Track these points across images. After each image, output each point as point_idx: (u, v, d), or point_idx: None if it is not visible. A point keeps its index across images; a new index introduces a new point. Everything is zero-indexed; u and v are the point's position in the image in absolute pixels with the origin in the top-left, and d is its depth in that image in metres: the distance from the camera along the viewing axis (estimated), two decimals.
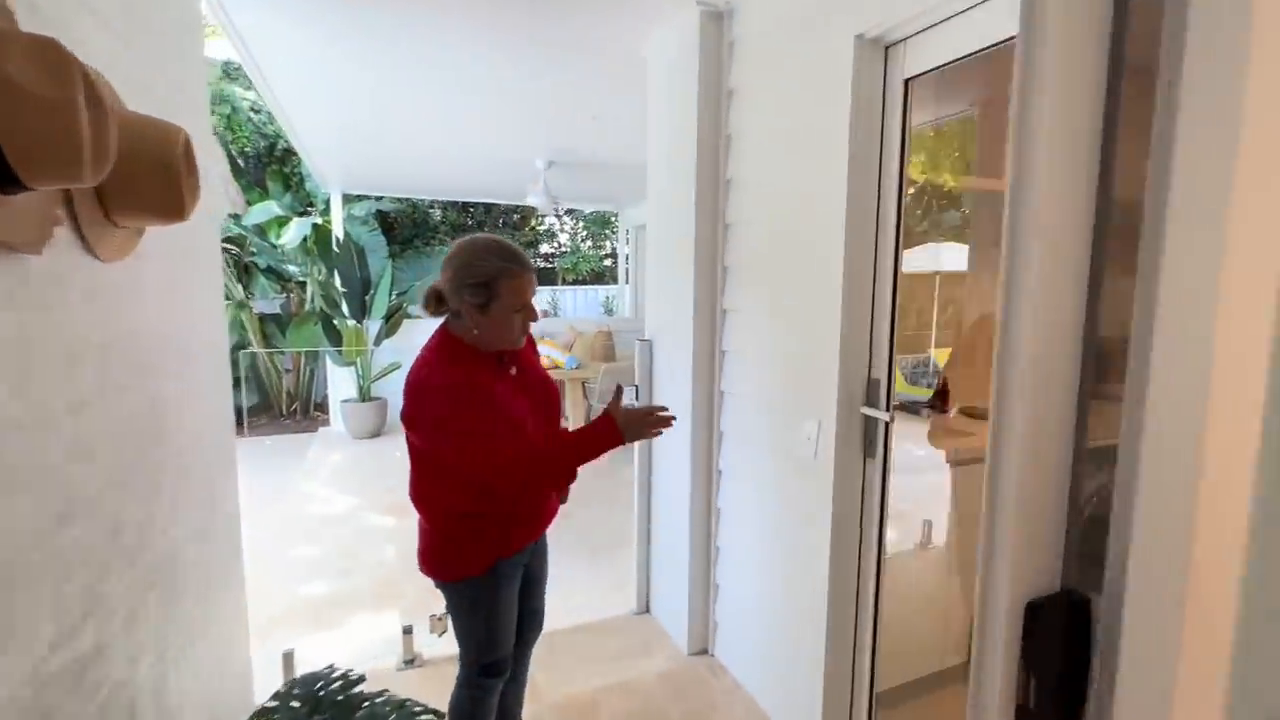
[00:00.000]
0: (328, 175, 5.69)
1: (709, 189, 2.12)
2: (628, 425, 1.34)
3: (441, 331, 1.39)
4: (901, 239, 1.53)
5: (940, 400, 2.50)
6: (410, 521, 1.55)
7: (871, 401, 1.60)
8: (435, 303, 1.38)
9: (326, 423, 6.34)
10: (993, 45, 1.28)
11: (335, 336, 5.74)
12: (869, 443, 1.62)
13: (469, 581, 1.42)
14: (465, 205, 9.92)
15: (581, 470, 1.36)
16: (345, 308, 5.82)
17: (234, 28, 2.37)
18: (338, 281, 5.82)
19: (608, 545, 3.35)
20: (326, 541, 3.51)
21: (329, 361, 6.02)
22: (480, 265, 1.31)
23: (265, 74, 2.95)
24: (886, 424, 1.58)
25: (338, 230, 6.06)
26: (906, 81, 1.48)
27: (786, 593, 1.86)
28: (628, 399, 2.55)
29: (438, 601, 1.58)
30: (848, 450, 1.62)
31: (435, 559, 1.44)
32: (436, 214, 9.75)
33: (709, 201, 2.13)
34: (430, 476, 1.40)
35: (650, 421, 1.36)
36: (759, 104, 1.91)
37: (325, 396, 6.46)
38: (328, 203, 6.47)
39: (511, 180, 5.35)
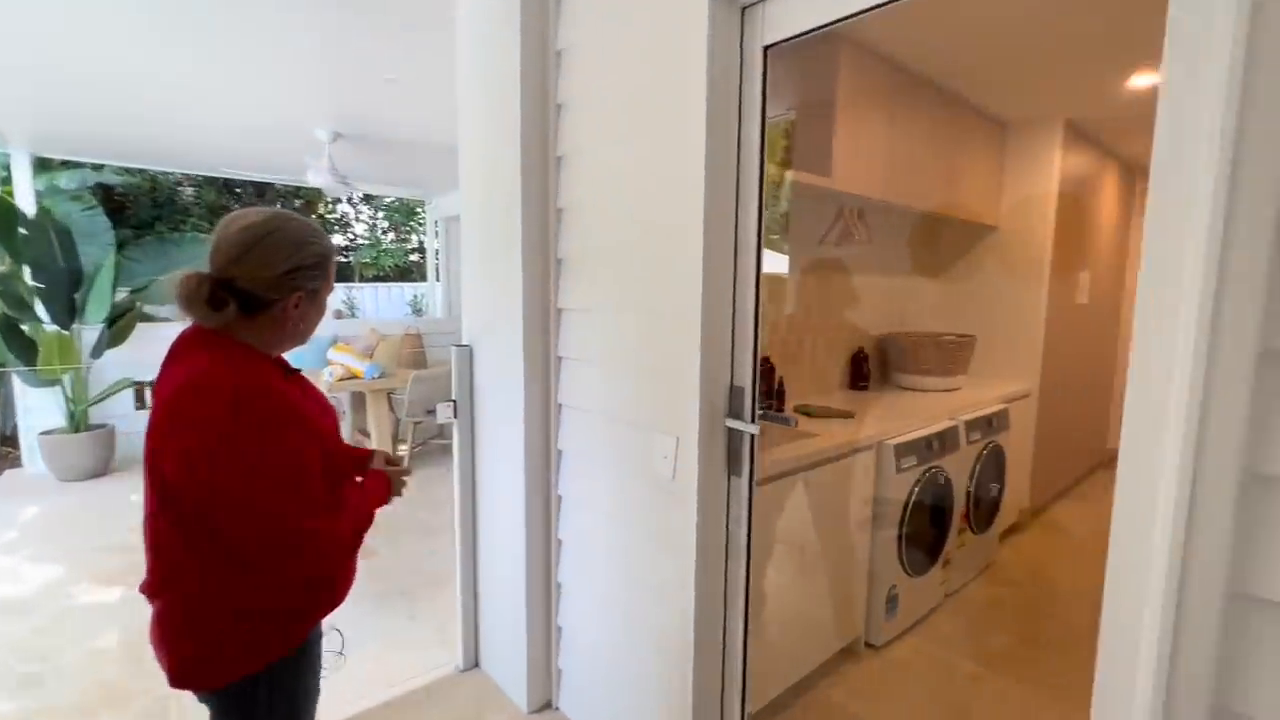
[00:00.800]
0: (4, 129, 4.22)
1: (536, 168, 1.80)
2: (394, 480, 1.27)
3: (218, 336, 1.01)
4: (763, 229, 1.36)
5: (777, 400, 2.47)
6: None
7: (735, 413, 1.42)
8: (224, 301, 0.99)
9: (17, 462, 4.75)
10: (861, 12, 1.15)
11: (26, 347, 4.29)
12: (734, 458, 1.44)
13: (255, 679, 1.03)
14: (229, 184, 8.27)
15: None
16: (42, 309, 4.38)
17: None
18: (28, 275, 4.35)
19: (424, 588, 2.85)
20: (2, 638, 2.50)
21: (17, 380, 4.50)
22: (312, 243, 1.07)
23: None
24: (753, 437, 1.41)
25: (24, 205, 4.54)
26: (766, 49, 1.31)
27: (645, 630, 1.62)
28: (444, 416, 2.12)
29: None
30: (711, 468, 1.43)
31: (196, 657, 1.01)
32: (188, 192, 7.97)
33: (537, 183, 1.80)
34: (199, 535, 0.97)
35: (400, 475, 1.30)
36: (594, 68, 1.64)
37: (15, 426, 4.84)
38: (9, 169, 4.84)
39: (286, 153, 4.45)
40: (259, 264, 1.01)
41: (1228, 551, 0.75)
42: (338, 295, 8.73)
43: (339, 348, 4.86)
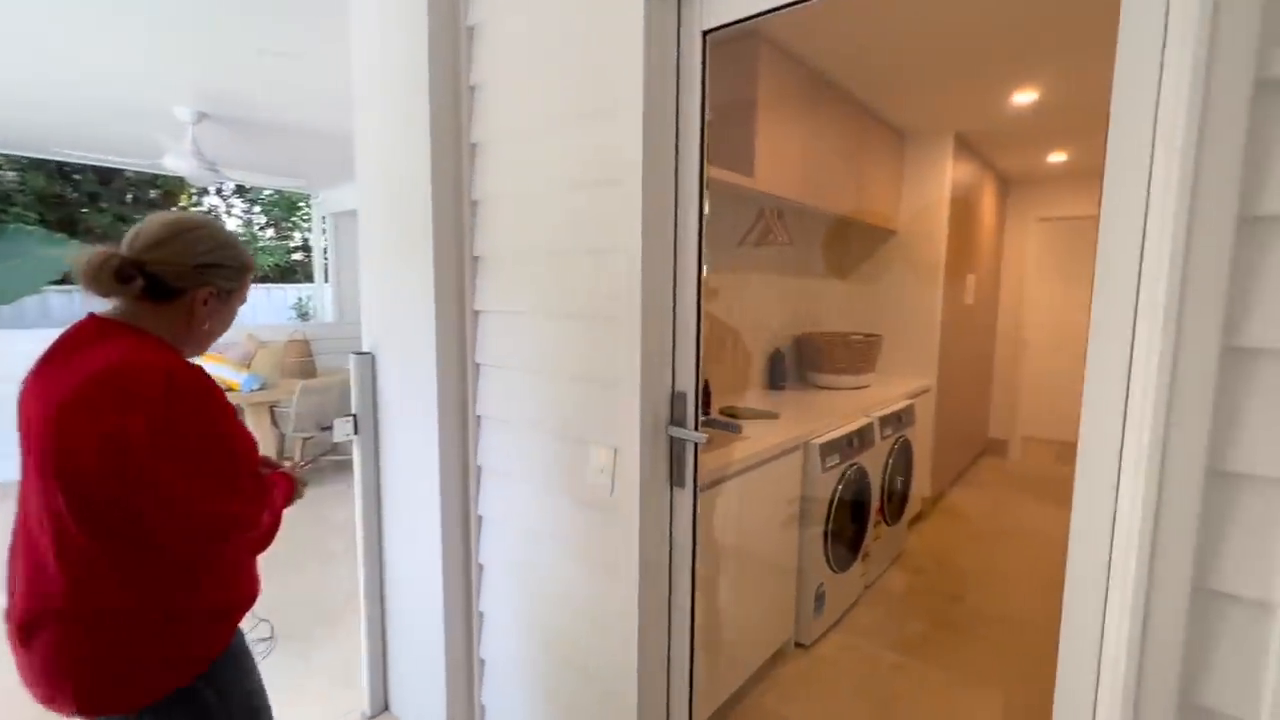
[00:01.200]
0: None
1: (448, 156, 1.62)
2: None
3: (129, 326, 0.98)
4: (705, 225, 1.29)
5: (703, 403, 2.42)
6: None
7: (678, 420, 1.34)
8: (131, 278, 0.97)
9: None
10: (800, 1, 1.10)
11: None
12: (677, 469, 1.35)
13: (194, 689, 0.99)
14: (64, 169, 7.15)
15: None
16: None
17: None
18: None
19: (320, 625, 2.55)
20: None
21: None
22: (237, 248, 1.09)
23: None
24: (697, 445, 1.33)
25: None
26: (705, 34, 1.23)
27: (581, 658, 1.50)
28: (343, 433, 1.89)
29: None
30: (654, 480, 1.33)
31: (116, 677, 0.94)
32: (9, 176, 6.80)
33: (449, 173, 1.63)
34: (113, 536, 0.91)
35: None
36: (513, 48, 1.50)
37: None
38: None
39: (140, 135, 3.88)
40: (178, 252, 1.01)
41: (1191, 549, 0.75)
42: None
43: (211, 357, 4.31)
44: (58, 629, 0.92)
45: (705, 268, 1.30)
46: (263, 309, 8.48)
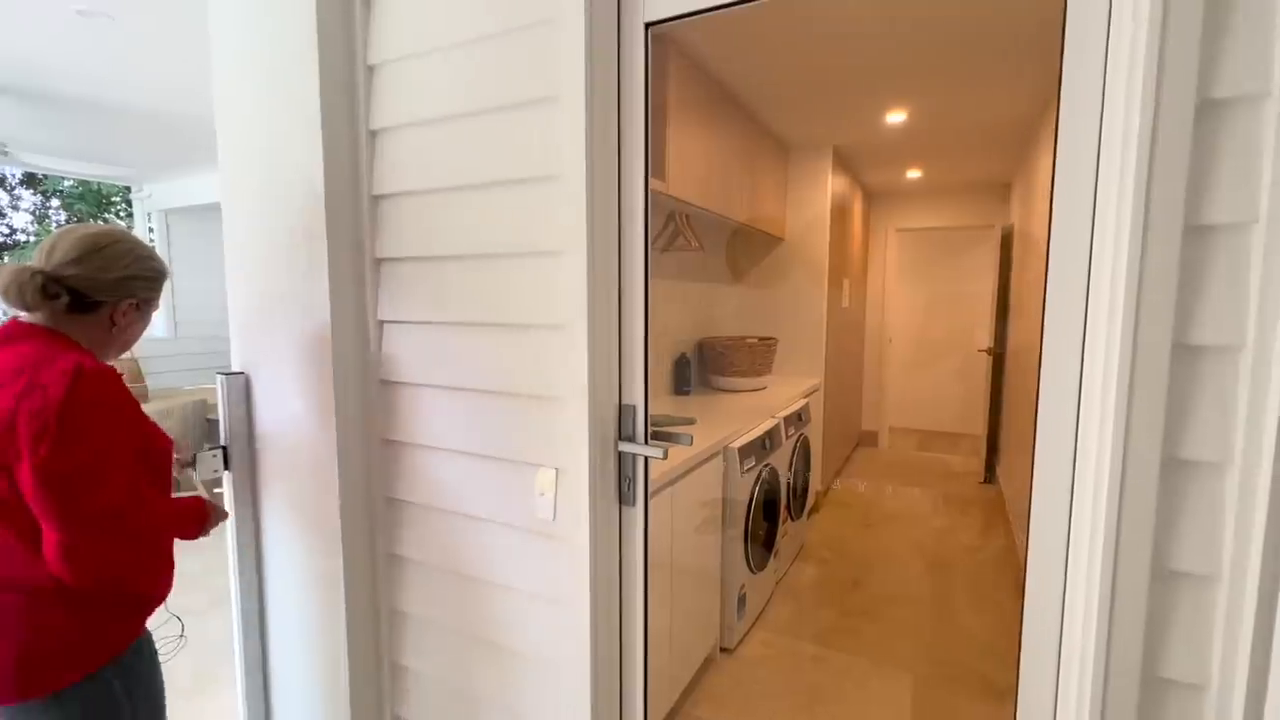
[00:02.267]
0: None
1: (344, 145, 1.42)
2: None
3: (50, 330, 1.06)
4: (650, 225, 1.22)
5: None
6: None
7: (627, 435, 1.25)
8: (56, 294, 1.05)
9: None
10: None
11: None
12: (627, 487, 1.27)
13: (112, 669, 1.06)
14: None
15: None
16: None
17: None
18: None
19: (185, 698, 2.13)
20: None
21: None
22: (152, 259, 1.17)
23: None
24: (647, 460, 1.26)
25: None
26: (648, 27, 1.17)
27: (525, 705, 1.36)
28: (209, 470, 1.59)
29: None
30: (602, 500, 1.24)
31: (43, 656, 1.00)
32: None
33: (344, 164, 1.42)
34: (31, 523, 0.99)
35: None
36: (424, 22, 1.33)
37: None
38: None
39: None
40: (99, 267, 1.08)
41: (1151, 531, 0.81)
42: None
43: None
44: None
45: (650, 273, 1.23)
46: None
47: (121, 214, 7.97)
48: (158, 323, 5.86)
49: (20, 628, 0.99)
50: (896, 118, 3.20)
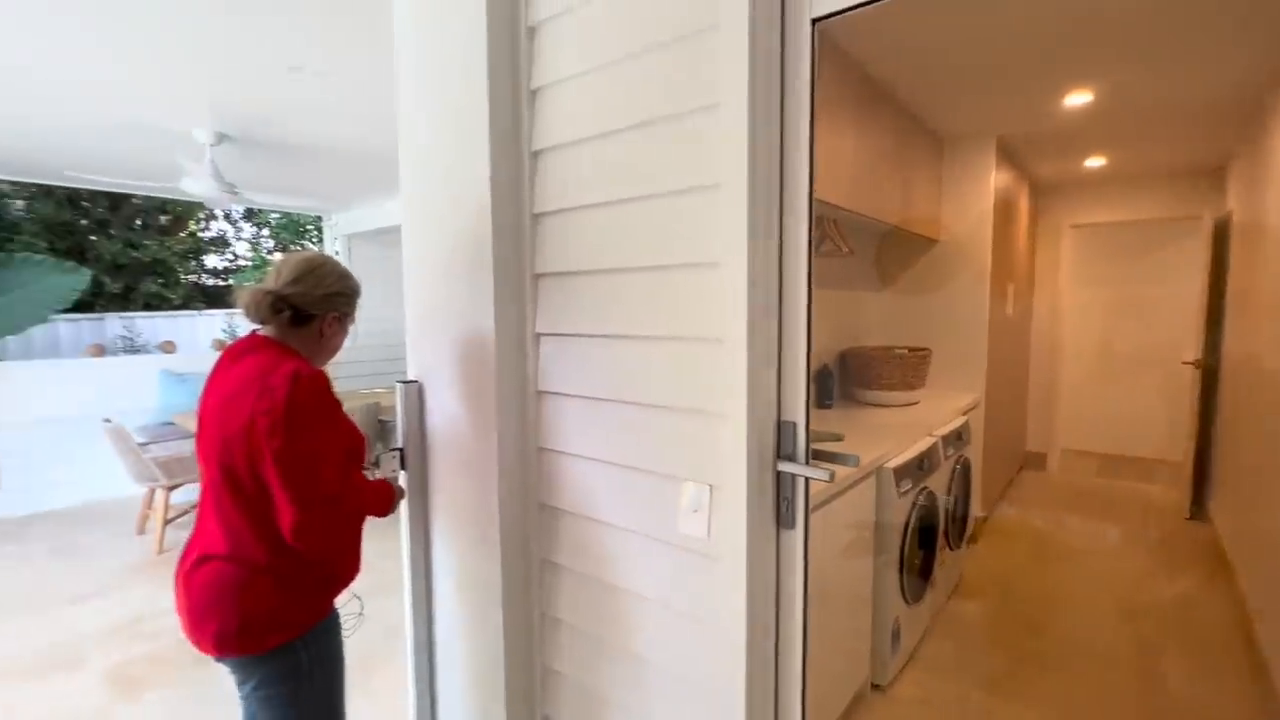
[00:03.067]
0: None
1: (508, 166, 1.50)
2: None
3: (278, 342, 1.29)
4: (813, 229, 1.15)
5: None
6: None
7: (786, 453, 1.19)
8: (281, 309, 1.29)
9: None
10: None
11: None
12: (786, 509, 1.20)
13: (295, 644, 1.24)
14: (73, 197, 7.07)
15: None
16: None
17: None
18: None
19: (381, 662, 2.37)
20: None
21: None
22: (351, 279, 1.42)
23: None
24: (808, 481, 1.18)
25: None
26: (815, 23, 1.11)
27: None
28: (390, 468, 1.74)
29: None
30: (760, 522, 1.18)
31: (257, 620, 1.20)
32: (17, 205, 6.72)
33: (508, 184, 1.50)
34: (260, 505, 1.19)
35: None
36: (585, 40, 1.37)
37: None
38: None
39: (156, 158, 3.77)
40: (312, 285, 1.30)
41: None
42: (217, 323, 7.70)
43: None
44: (214, 567, 1.20)
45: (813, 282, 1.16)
46: None
47: (314, 240, 9.21)
48: None
49: (243, 596, 1.19)
50: (1078, 100, 2.82)
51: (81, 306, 6.01)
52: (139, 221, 7.82)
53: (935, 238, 3.56)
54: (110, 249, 7.23)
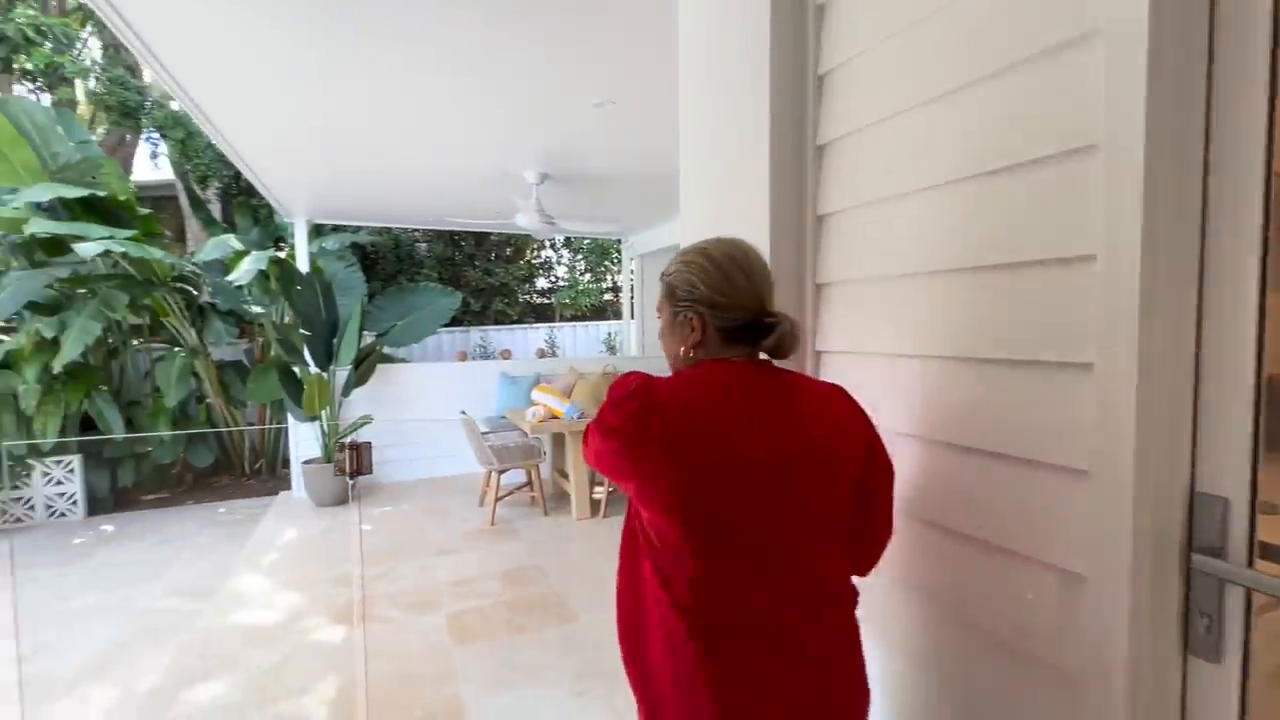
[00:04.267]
0: (288, 203, 4.97)
1: (788, 164, 1.34)
2: None
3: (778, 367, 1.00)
4: (1271, 201, 0.73)
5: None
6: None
7: (1204, 542, 0.78)
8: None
9: (289, 486, 5.47)
10: None
11: (295, 387, 4.92)
12: (1204, 629, 0.79)
13: None
14: (453, 237, 9.23)
15: None
16: (307, 353, 5.01)
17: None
18: (300, 323, 5.03)
19: None
20: (239, 673, 2.61)
21: (290, 416, 5.19)
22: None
23: (188, 91, 2.29)
24: (1248, 593, 0.75)
25: (301, 264, 5.30)
26: None
27: None
28: None
29: None
30: (1154, 640, 0.79)
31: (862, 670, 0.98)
32: (422, 247, 9.04)
33: (789, 187, 1.34)
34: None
35: None
36: (876, 19, 1.14)
37: (288, 456, 5.62)
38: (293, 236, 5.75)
39: (498, 199, 4.62)
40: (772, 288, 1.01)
41: None
42: (541, 335, 9.20)
43: (542, 388, 4.87)
44: (835, 610, 0.96)
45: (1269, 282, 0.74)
46: (581, 343, 9.68)
47: (614, 261, 10.39)
48: (630, 342, 7.35)
49: (857, 634, 0.99)
50: None
51: (453, 322, 7.75)
52: (494, 254, 9.84)
53: None
54: (474, 276, 9.26)
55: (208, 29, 2.19)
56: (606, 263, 10.87)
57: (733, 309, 0.95)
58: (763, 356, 0.98)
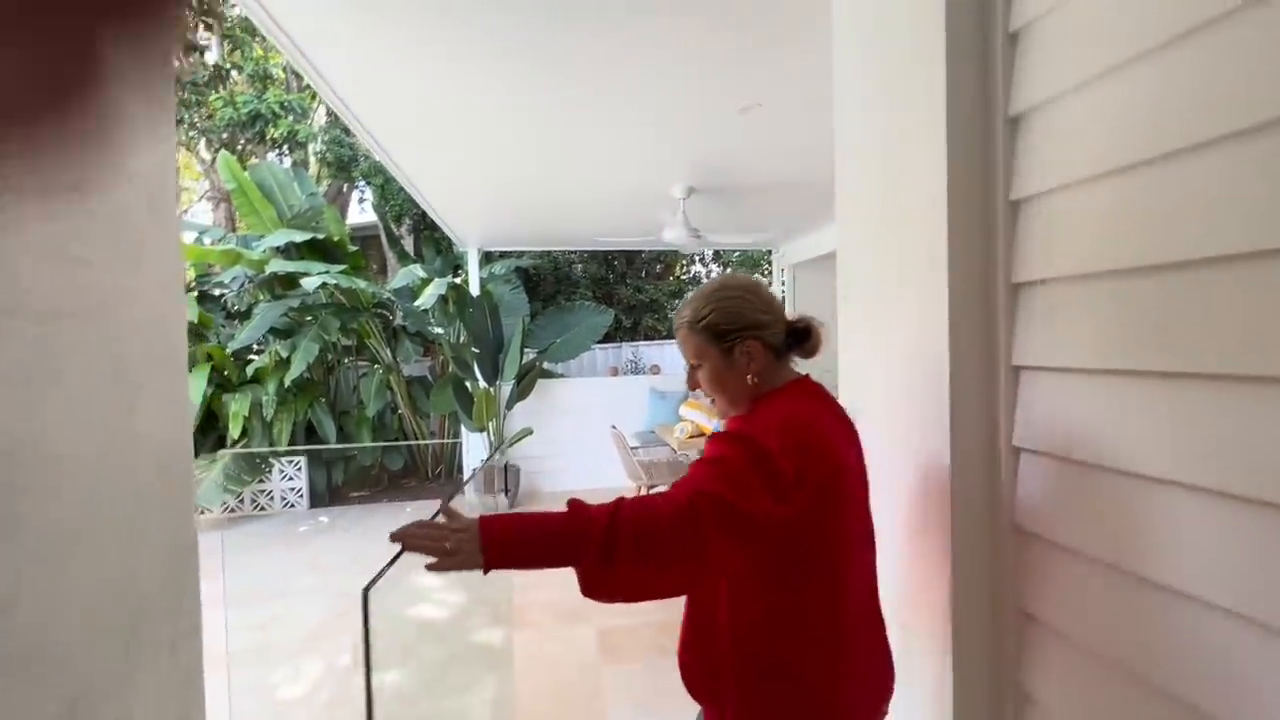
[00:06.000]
0: (462, 234, 5.48)
1: (971, 143, 1.12)
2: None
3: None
4: None
5: None
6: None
7: None
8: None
9: (463, 490, 5.99)
10: None
11: (466, 400, 5.37)
12: None
13: None
14: (607, 256, 9.61)
15: None
16: (477, 369, 5.46)
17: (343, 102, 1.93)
18: (471, 342, 5.50)
19: None
20: (413, 664, 2.82)
21: (463, 427, 5.69)
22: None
23: (378, 140, 2.64)
24: None
25: (473, 289, 5.81)
26: None
27: None
28: None
29: None
30: None
31: None
32: (578, 268, 9.53)
33: (972, 169, 1.12)
34: None
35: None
36: None
37: (462, 462, 6.17)
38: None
39: (646, 216, 4.67)
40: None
41: None
42: None
43: (690, 404, 4.81)
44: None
45: None
46: None
47: (765, 272, 10.13)
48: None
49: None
50: None
51: (606, 338, 8.03)
52: (644, 271, 10.08)
53: None
54: (626, 294, 9.56)
55: (394, 88, 2.47)
56: (756, 275, 10.64)
57: (776, 323, 1.03)
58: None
